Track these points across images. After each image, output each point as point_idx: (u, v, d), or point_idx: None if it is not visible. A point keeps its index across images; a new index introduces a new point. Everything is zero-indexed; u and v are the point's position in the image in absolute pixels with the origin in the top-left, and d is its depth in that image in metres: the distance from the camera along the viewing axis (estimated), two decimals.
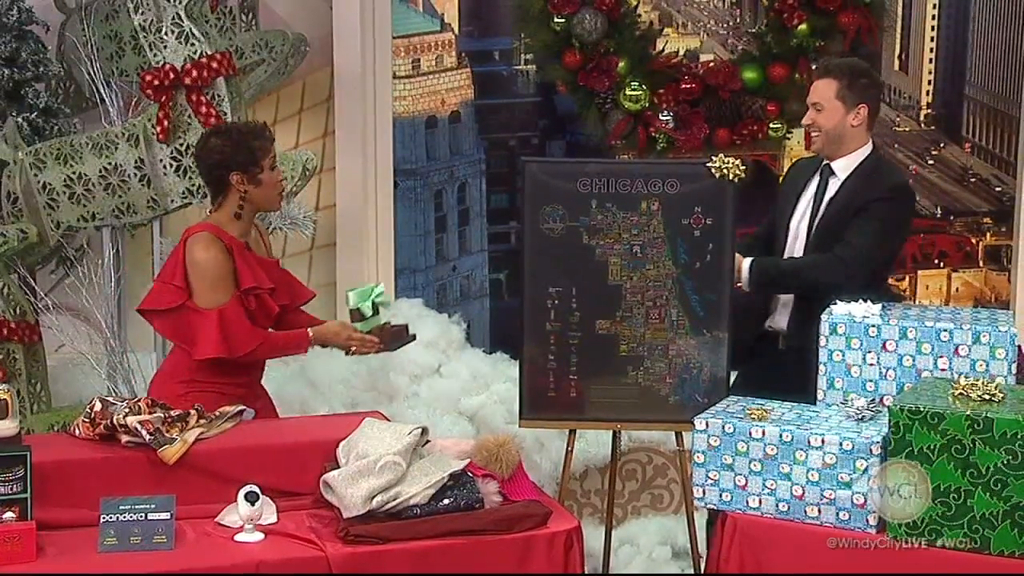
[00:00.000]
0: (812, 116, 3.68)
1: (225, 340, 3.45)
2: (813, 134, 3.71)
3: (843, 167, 3.69)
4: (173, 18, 4.07)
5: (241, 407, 3.50)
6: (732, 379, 3.70)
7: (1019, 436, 2.80)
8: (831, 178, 3.71)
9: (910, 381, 3.22)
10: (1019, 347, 4.27)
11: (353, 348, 3.71)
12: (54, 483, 3.11)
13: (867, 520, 2.97)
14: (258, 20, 4.72)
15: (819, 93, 3.66)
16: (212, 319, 3.43)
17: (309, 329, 3.68)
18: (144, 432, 3.22)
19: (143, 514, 3.02)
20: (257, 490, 3.12)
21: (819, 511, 3.01)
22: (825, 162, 3.72)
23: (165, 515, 3.03)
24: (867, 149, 3.71)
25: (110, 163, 4.27)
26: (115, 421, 3.25)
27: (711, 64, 4.88)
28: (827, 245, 3.61)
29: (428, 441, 3.38)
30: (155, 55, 4.12)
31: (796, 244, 3.72)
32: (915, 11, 4.99)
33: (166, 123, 4.13)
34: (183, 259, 3.47)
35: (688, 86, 4.71)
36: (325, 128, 5.12)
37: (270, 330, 3.61)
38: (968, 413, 2.84)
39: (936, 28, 5.00)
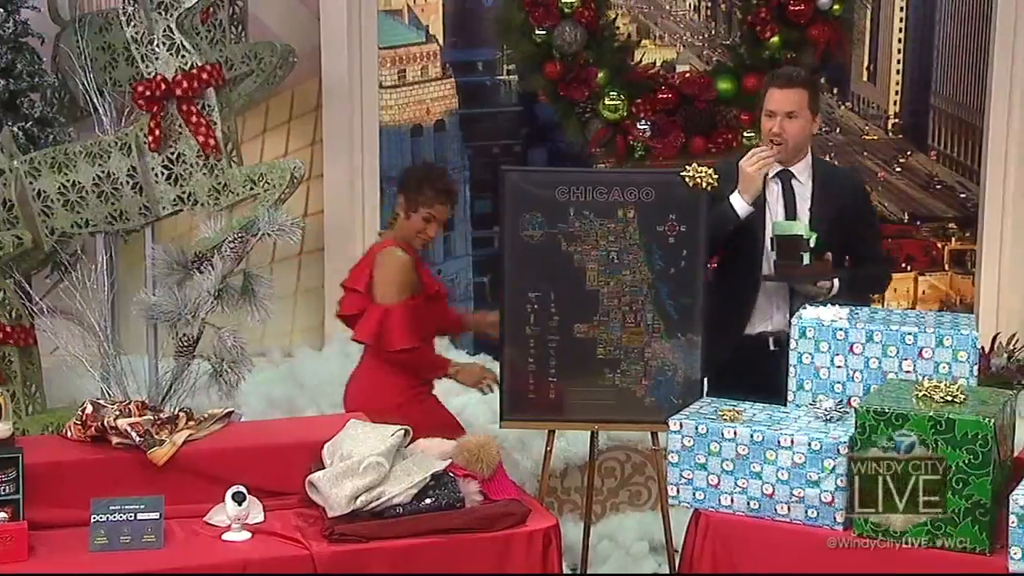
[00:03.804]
0: (783, 125, 3.74)
1: (379, 333, 3.77)
2: (778, 143, 3.76)
3: (802, 170, 3.81)
4: (164, 30, 4.12)
5: (230, 409, 3.58)
6: (706, 382, 3.77)
7: (980, 436, 2.88)
8: (794, 182, 3.80)
9: (876, 383, 3.30)
10: (981, 349, 4.39)
11: (485, 387, 4.00)
12: (46, 484, 3.18)
13: (834, 517, 3.06)
14: (247, 32, 4.77)
15: (793, 102, 3.73)
16: (377, 311, 3.79)
17: (451, 361, 4.06)
18: (134, 434, 3.29)
19: (132, 514, 3.08)
20: (244, 490, 3.18)
21: (788, 509, 3.09)
22: (778, 168, 3.78)
23: (154, 515, 3.09)
24: (810, 152, 3.86)
25: (103, 171, 4.33)
26: (106, 423, 3.32)
27: (687, 75, 4.96)
28: (828, 251, 3.71)
29: (411, 442, 3.45)
30: (147, 66, 4.18)
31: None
32: (882, 24, 5.08)
33: (157, 132, 4.18)
34: (371, 267, 3.93)
35: (665, 96, 4.79)
36: (313, 136, 5.19)
37: None
38: (931, 414, 2.92)
39: (903, 41, 5.09)
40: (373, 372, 4.01)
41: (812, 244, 3.63)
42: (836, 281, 3.70)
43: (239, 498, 3.17)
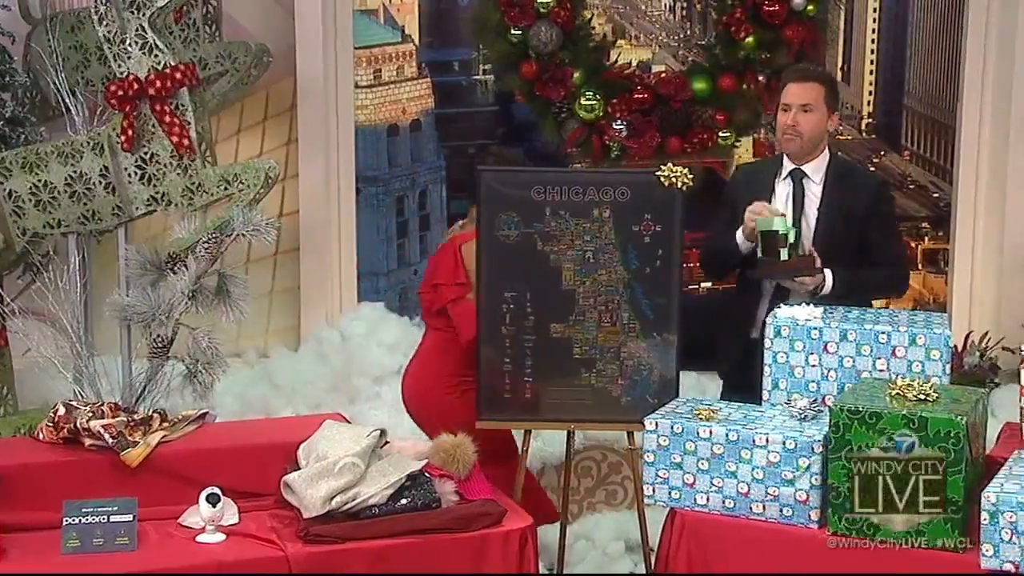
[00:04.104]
0: (798, 118, 3.72)
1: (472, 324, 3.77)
2: (790, 136, 3.76)
3: (815, 170, 3.78)
4: (137, 30, 4.10)
5: (204, 410, 3.56)
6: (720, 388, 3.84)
7: (952, 434, 2.90)
8: (806, 181, 3.79)
9: (850, 382, 3.31)
10: (954, 347, 4.42)
11: None
12: (17, 486, 3.16)
13: (809, 516, 3.07)
14: (221, 32, 4.76)
15: (808, 96, 3.73)
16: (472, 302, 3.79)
17: None
18: (107, 436, 3.27)
19: (105, 516, 3.08)
20: (218, 492, 3.18)
21: (763, 507, 3.10)
22: (791, 167, 3.79)
23: (127, 517, 3.08)
24: (828, 151, 3.83)
25: (75, 171, 4.31)
26: (78, 425, 3.30)
27: (663, 75, 4.97)
28: (837, 250, 3.70)
29: (387, 442, 3.45)
30: (119, 66, 4.16)
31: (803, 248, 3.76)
32: (856, 26, 5.12)
33: (130, 132, 4.17)
34: (461, 260, 3.94)
35: (641, 96, 4.79)
36: (289, 136, 5.18)
37: None
38: (904, 413, 2.94)
39: (876, 42, 5.12)
40: (441, 361, 4.02)
41: (791, 240, 3.63)
42: (828, 279, 3.67)
43: (213, 499, 3.16)
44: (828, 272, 3.67)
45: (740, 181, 3.99)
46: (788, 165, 3.80)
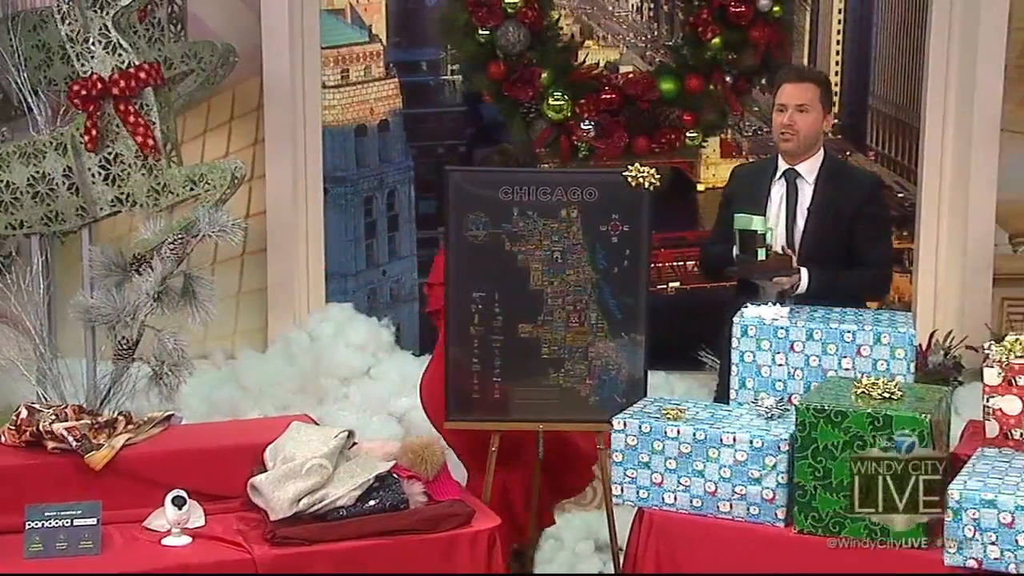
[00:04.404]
0: (794, 117, 3.74)
1: None
2: (787, 136, 3.77)
3: (809, 170, 3.80)
4: (100, 28, 4.07)
5: (170, 412, 3.54)
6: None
7: (916, 432, 2.92)
8: (799, 181, 3.81)
9: (816, 380, 3.34)
10: (918, 346, 4.45)
11: None
12: None
13: (775, 514, 3.09)
14: (187, 31, 4.74)
15: (804, 96, 3.75)
16: None
17: None
18: (71, 438, 3.24)
19: (69, 520, 3.05)
20: (184, 494, 3.16)
21: (731, 506, 3.11)
22: (785, 167, 3.81)
23: (91, 521, 3.06)
24: (823, 151, 3.86)
25: (38, 172, 4.27)
26: (41, 428, 3.27)
27: (630, 75, 4.97)
28: (824, 249, 3.73)
29: (355, 443, 3.44)
30: (83, 65, 4.13)
31: (775, 247, 3.77)
32: (821, 27, 5.15)
33: (94, 132, 4.13)
34: None
35: (608, 96, 4.80)
36: (255, 136, 5.15)
37: None
38: (869, 411, 2.97)
39: (841, 43, 5.16)
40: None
41: (768, 239, 3.65)
42: (804, 279, 3.68)
43: (179, 502, 3.14)
44: (804, 271, 3.69)
45: (736, 183, 4.00)
46: (783, 166, 3.82)
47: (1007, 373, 3.18)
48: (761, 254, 3.63)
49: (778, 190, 3.82)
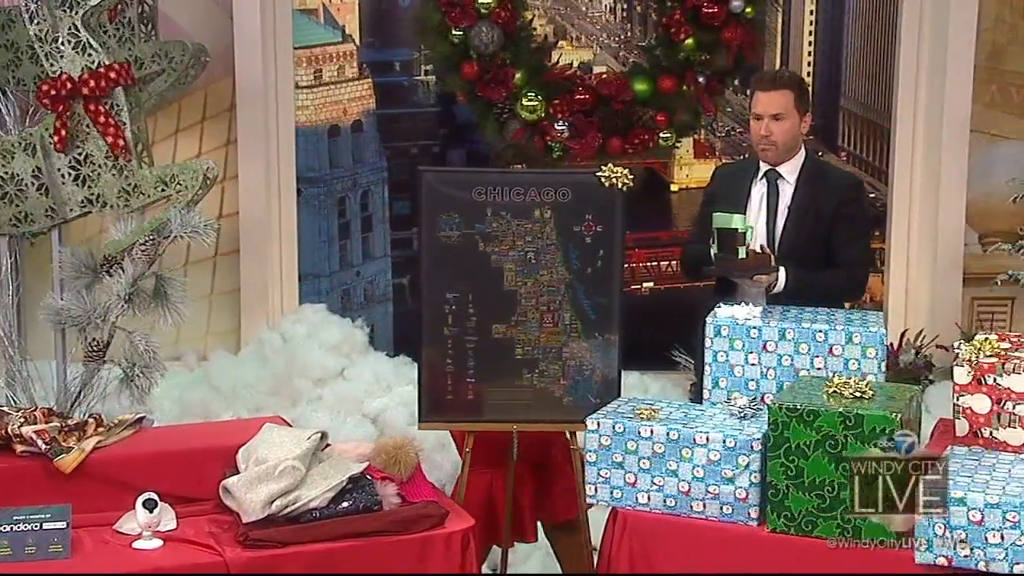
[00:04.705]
0: (771, 127, 3.75)
1: None
2: (764, 147, 3.79)
3: (790, 171, 3.82)
4: (70, 28, 4.05)
5: (141, 415, 3.52)
6: None
7: (887, 431, 2.93)
8: (780, 182, 3.82)
9: (789, 380, 3.35)
10: (889, 345, 4.49)
11: None
12: None
13: (748, 513, 3.10)
14: (158, 31, 4.69)
15: (780, 104, 3.75)
16: None
17: None
18: (40, 442, 3.22)
19: (38, 524, 3.02)
20: (155, 497, 3.13)
21: (704, 506, 3.12)
22: (766, 167, 3.82)
23: (61, 524, 3.03)
24: (804, 152, 3.87)
25: (7, 172, 4.23)
26: (10, 431, 3.24)
27: (604, 76, 5.00)
28: (803, 249, 3.74)
29: (328, 445, 3.42)
30: (52, 65, 4.09)
31: (754, 246, 3.77)
32: (793, 28, 5.18)
33: (64, 132, 4.10)
34: None
35: (582, 97, 4.81)
36: (228, 137, 5.13)
37: None
38: (840, 410, 2.98)
39: (813, 44, 5.20)
40: None
41: (748, 238, 3.66)
42: (781, 278, 3.69)
43: (150, 505, 3.12)
44: (781, 270, 3.70)
45: (717, 183, 4.00)
46: (764, 166, 3.84)
47: (976, 372, 3.20)
48: (741, 252, 3.64)
49: (759, 190, 3.83)
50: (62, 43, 4.06)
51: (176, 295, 3.94)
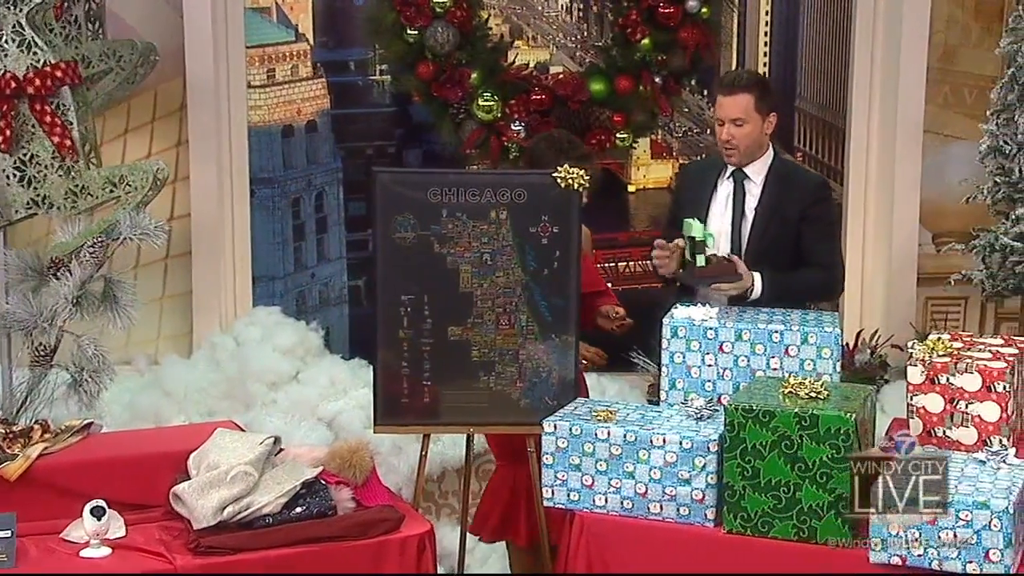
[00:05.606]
0: (732, 131, 3.75)
1: None
2: (728, 151, 3.79)
3: (756, 172, 3.82)
4: (14, 26, 3.98)
5: (89, 420, 3.46)
6: None
7: (842, 431, 2.95)
8: (747, 183, 3.82)
9: (745, 381, 3.37)
10: (845, 345, 4.51)
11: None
12: None
13: (705, 515, 3.10)
14: (105, 29, 4.62)
15: (739, 108, 3.75)
16: None
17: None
18: None
19: None
20: (103, 504, 3.09)
21: (661, 507, 3.12)
22: (733, 168, 3.82)
23: (5, 533, 2.98)
24: (771, 151, 3.88)
25: None
26: None
27: (560, 76, 4.99)
28: (772, 251, 3.74)
29: (281, 450, 3.39)
30: None
31: (720, 248, 3.78)
32: (748, 29, 5.20)
33: (8, 133, 4.03)
34: None
35: (538, 97, 4.80)
36: (179, 137, 5.06)
37: None
38: (796, 411, 2.99)
39: (768, 44, 5.22)
40: None
41: (709, 246, 3.65)
42: (757, 283, 3.68)
43: (98, 512, 3.07)
44: (757, 276, 3.69)
45: (684, 181, 4.02)
46: (731, 166, 3.83)
47: (930, 372, 3.23)
48: (700, 260, 3.64)
49: (725, 189, 3.84)
50: (6, 41, 3.99)
51: (126, 298, 3.89)
